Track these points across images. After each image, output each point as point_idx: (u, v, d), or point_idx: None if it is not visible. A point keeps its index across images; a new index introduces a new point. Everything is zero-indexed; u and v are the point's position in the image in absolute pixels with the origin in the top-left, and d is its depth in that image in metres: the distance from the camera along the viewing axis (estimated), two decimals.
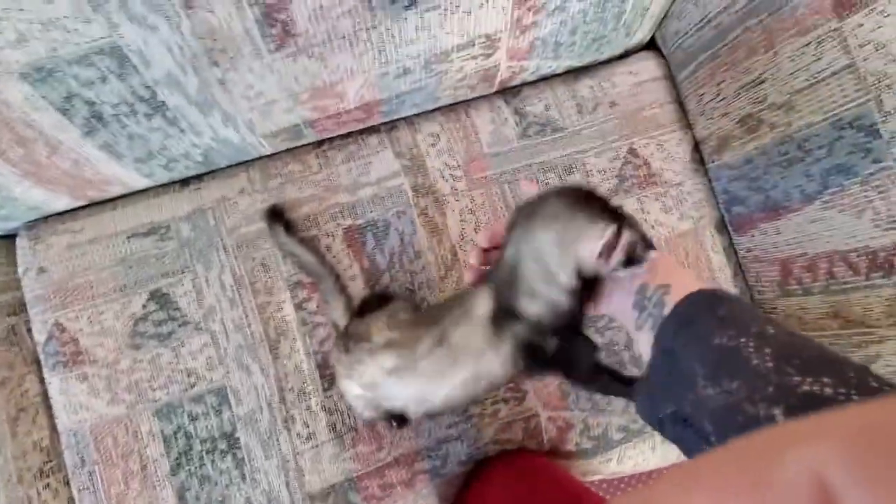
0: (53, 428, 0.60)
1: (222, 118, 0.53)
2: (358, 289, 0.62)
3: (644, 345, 0.40)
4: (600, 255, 0.40)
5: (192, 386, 0.59)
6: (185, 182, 0.63)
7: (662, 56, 0.71)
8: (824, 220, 0.55)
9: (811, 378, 0.29)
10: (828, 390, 0.28)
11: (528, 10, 0.54)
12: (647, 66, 0.70)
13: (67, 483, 0.59)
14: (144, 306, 0.59)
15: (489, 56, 0.58)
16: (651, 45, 0.72)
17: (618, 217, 0.41)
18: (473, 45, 0.56)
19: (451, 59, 0.56)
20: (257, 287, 0.61)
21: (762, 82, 0.57)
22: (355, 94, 0.57)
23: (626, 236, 0.40)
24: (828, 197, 0.55)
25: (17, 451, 0.58)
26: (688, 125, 0.69)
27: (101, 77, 0.44)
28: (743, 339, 0.33)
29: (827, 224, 0.55)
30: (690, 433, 0.33)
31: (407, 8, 0.48)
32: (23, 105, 0.44)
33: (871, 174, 0.51)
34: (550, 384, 0.62)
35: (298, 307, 0.61)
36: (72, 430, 0.58)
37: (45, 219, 0.62)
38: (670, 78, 0.70)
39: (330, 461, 0.58)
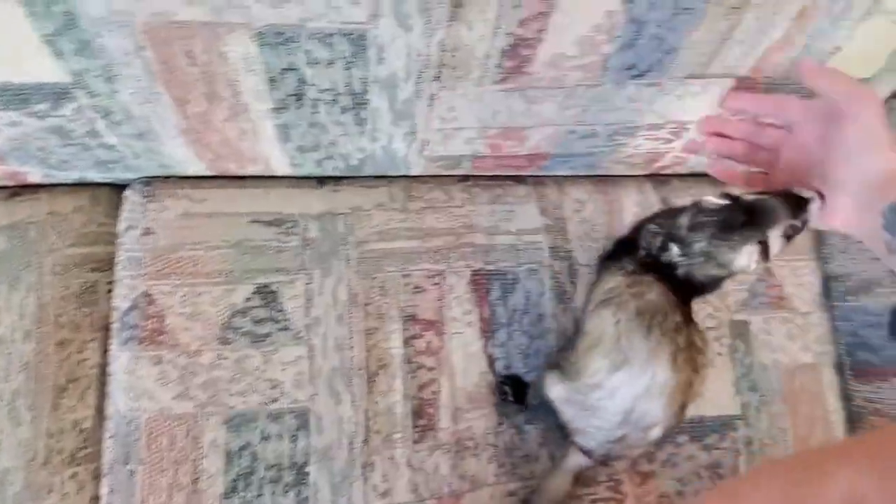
0: (100, 410, 0.52)
1: (407, 131, 0.50)
2: (473, 338, 0.57)
3: None
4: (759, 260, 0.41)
5: (274, 400, 0.52)
6: (322, 180, 0.59)
7: None
8: None
9: None
10: None
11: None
12: None
13: (97, 477, 0.51)
14: (248, 299, 0.54)
15: (669, 142, 0.58)
16: None
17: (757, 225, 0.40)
18: (663, 127, 0.55)
19: (636, 134, 0.55)
20: (370, 310, 0.56)
21: None
22: (535, 142, 0.55)
23: (774, 240, 0.40)
24: None
25: (54, 427, 0.50)
26: (821, 257, 0.68)
27: (330, 60, 0.41)
28: None
29: None
30: None
31: (633, 77, 0.47)
32: (238, 63, 0.41)
33: None
34: (649, 494, 0.57)
35: (407, 342, 0.56)
36: (125, 417, 0.50)
37: (165, 178, 0.57)
38: None
39: None
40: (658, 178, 0.67)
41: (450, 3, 0.37)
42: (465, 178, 0.63)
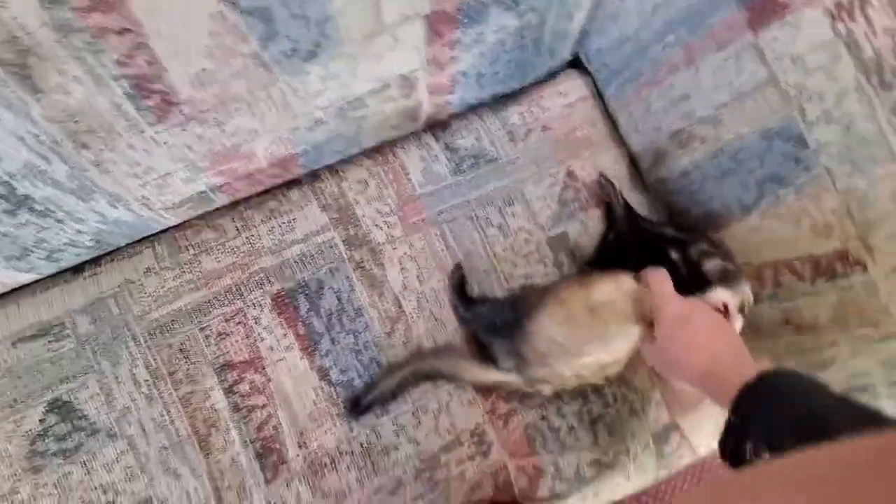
0: None
1: (108, 201, 0.46)
2: (296, 359, 0.56)
3: None
4: None
5: (112, 503, 0.51)
6: (77, 269, 0.55)
7: (588, 73, 0.69)
8: (764, 229, 0.55)
9: None
10: None
11: (444, 46, 0.50)
12: (575, 85, 0.68)
13: None
14: (42, 420, 0.51)
15: (409, 96, 0.54)
16: (575, 62, 0.70)
17: None
18: (389, 87, 0.51)
19: (366, 104, 0.52)
20: (178, 377, 0.53)
21: (688, 98, 0.56)
22: (265, 152, 0.51)
23: None
24: (765, 207, 0.54)
25: None
26: (622, 142, 0.67)
27: None
28: None
29: (768, 234, 0.55)
30: None
31: (306, 61, 0.43)
32: None
33: (804, 183, 0.50)
34: (515, 430, 0.58)
35: (229, 391, 0.54)
36: None
37: None
38: (599, 96, 0.68)
39: None
40: (437, 127, 0.64)
41: (16, 79, 0.33)
42: (236, 204, 0.59)
